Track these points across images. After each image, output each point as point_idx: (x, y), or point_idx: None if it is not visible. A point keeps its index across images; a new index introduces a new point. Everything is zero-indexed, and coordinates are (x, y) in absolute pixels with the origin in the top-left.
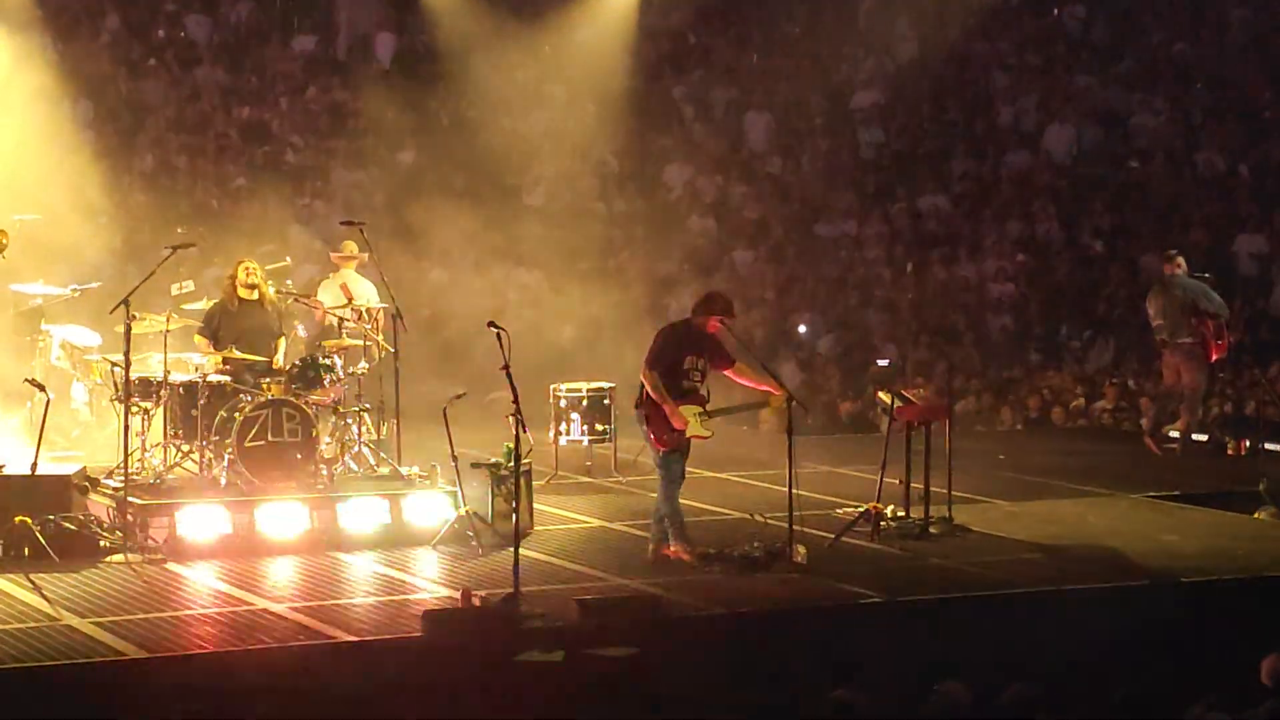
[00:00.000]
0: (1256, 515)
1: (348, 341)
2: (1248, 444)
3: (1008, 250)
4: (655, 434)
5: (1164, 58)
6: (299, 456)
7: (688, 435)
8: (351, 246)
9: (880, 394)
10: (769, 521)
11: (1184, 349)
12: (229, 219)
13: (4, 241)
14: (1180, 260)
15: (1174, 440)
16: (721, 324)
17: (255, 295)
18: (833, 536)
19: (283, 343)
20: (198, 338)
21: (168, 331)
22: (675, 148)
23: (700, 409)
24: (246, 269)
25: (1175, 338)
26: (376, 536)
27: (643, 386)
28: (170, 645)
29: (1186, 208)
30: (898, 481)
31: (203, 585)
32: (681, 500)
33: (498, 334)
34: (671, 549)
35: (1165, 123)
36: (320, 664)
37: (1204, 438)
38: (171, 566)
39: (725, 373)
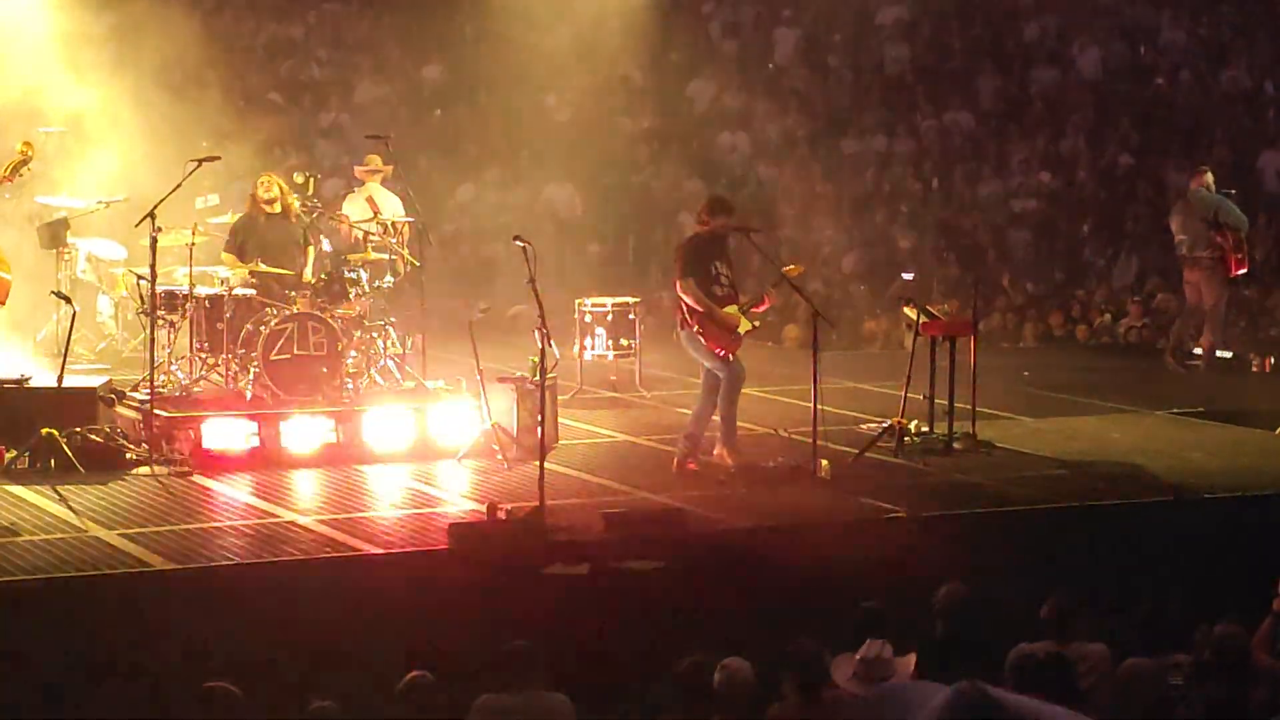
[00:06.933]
0: None
1: (373, 255)
2: (1272, 361)
3: (1034, 167)
4: (713, 343)
5: None
6: (324, 370)
7: (741, 332)
8: (375, 160)
9: (905, 309)
10: (793, 436)
11: (1204, 264)
12: (255, 133)
13: (30, 154)
14: (1207, 175)
15: (1197, 358)
16: (737, 228)
17: (278, 208)
18: (856, 452)
19: (311, 253)
20: (225, 255)
21: (193, 245)
22: (701, 63)
23: (737, 306)
24: (264, 183)
25: (1194, 252)
26: (402, 450)
27: (680, 305)
28: (197, 557)
29: (1212, 125)
30: (922, 397)
31: (228, 497)
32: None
33: (524, 248)
34: (717, 451)
35: (1192, 39)
36: (346, 576)
37: (1228, 354)
38: (197, 479)
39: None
